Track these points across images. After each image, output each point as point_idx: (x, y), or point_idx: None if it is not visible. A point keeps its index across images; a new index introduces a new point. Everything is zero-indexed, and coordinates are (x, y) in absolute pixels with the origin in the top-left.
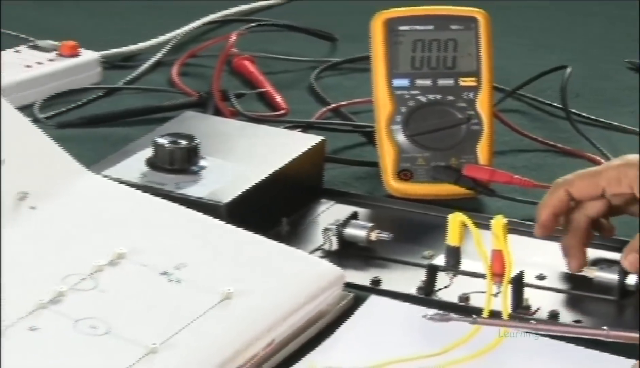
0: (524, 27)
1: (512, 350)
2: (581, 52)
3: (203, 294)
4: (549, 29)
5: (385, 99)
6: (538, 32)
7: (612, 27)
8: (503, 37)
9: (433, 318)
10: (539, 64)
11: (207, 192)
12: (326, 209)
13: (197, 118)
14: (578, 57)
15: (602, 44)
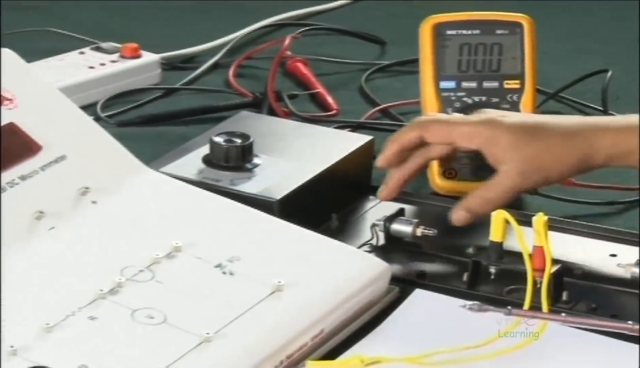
0: (567, 31)
1: (553, 342)
2: (622, 56)
3: (255, 286)
4: (591, 33)
5: (432, 100)
6: (581, 36)
7: None
8: (546, 41)
9: (471, 308)
10: (580, 67)
11: (260, 188)
12: (374, 206)
13: (251, 118)
14: (619, 61)
15: None
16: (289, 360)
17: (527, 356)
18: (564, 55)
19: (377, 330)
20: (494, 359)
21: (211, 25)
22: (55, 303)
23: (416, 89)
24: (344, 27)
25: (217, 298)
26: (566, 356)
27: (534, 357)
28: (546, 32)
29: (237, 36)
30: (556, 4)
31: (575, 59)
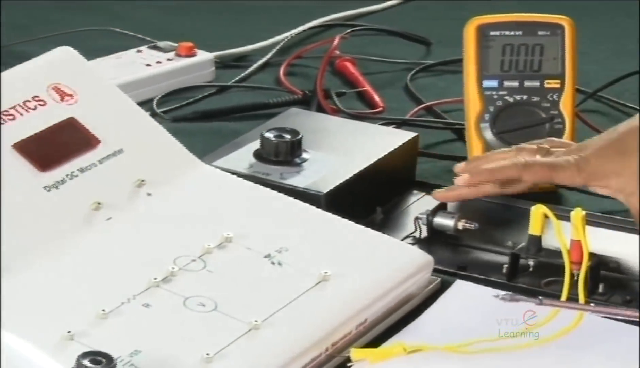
0: (607, 32)
1: (589, 331)
2: None
3: (302, 276)
4: (631, 34)
5: (475, 98)
6: (620, 37)
7: None
8: (587, 42)
9: (504, 298)
10: (619, 68)
11: (308, 182)
12: (417, 200)
13: (301, 114)
14: None
15: None
16: (334, 347)
17: (564, 345)
18: (603, 56)
19: (419, 320)
20: (531, 348)
21: (263, 25)
22: (111, 291)
23: (459, 88)
24: (391, 27)
25: (265, 287)
26: (602, 346)
27: (570, 346)
28: (587, 33)
29: (287, 36)
30: (597, 5)
31: (615, 60)
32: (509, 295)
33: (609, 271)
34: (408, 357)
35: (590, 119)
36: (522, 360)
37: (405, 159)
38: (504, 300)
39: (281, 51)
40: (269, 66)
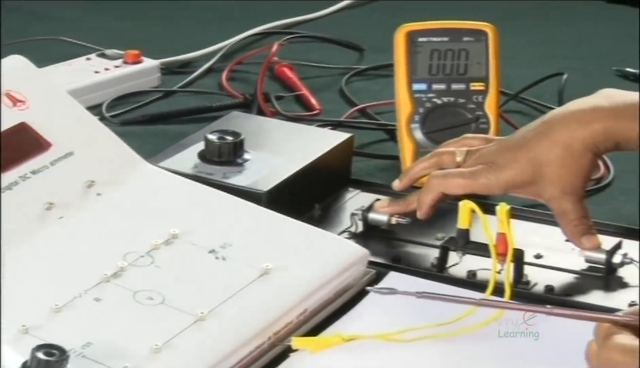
0: (530, 37)
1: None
2: (577, 61)
3: (245, 270)
4: (551, 40)
5: (406, 101)
6: (542, 43)
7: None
8: (511, 46)
9: (380, 291)
10: (542, 71)
11: (250, 181)
12: (353, 197)
13: (242, 117)
14: (574, 65)
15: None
16: (276, 336)
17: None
18: (527, 60)
19: (356, 309)
20: (464, 335)
21: (206, 33)
22: (64, 286)
23: (390, 91)
24: (326, 35)
25: (210, 280)
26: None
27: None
28: (512, 38)
29: (229, 43)
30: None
31: (537, 64)
32: (386, 289)
33: (533, 262)
34: (345, 345)
35: (513, 119)
36: (454, 347)
37: (341, 158)
38: (381, 293)
39: (223, 58)
40: (212, 71)
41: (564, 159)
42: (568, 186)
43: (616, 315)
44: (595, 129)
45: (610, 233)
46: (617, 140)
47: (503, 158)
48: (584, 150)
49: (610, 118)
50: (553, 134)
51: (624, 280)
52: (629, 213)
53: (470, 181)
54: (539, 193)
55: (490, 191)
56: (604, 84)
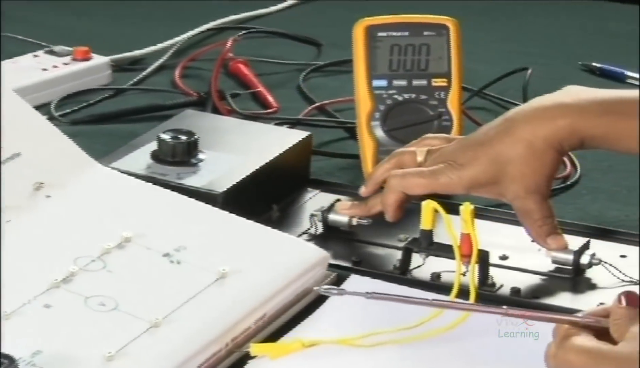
0: (493, 32)
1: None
2: (541, 56)
3: (201, 273)
4: (515, 35)
5: (366, 98)
6: (506, 38)
7: (570, 32)
8: (474, 42)
9: (328, 292)
10: (504, 66)
11: (205, 182)
12: (312, 197)
13: (196, 116)
14: (539, 60)
15: (560, 48)
16: (233, 342)
17: (458, 337)
18: (490, 55)
19: (316, 314)
20: (425, 340)
21: (158, 29)
22: (12, 292)
23: (350, 88)
24: (283, 30)
25: (165, 285)
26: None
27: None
28: (475, 33)
29: (182, 39)
30: (486, 6)
31: (501, 59)
32: (335, 289)
33: (498, 263)
34: (306, 350)
35: (476, 116)
36: (417, 352)
37: (299, 157)
38: (329, 294)
39: (176, 54)
40: (164, 68)
41: (527, 157)
42: (531, 184)
43: (575, 316)
44: (558, 126)
45: (578, 232)
46: (582, 138)
47: (464, 156)
48: (547, 148)
49: (575, 115)
50: (515, 131)
51: (592, 281)
52: (597, 212)
53: (430, 180)
54: (502, 193)
55: (452, 190)
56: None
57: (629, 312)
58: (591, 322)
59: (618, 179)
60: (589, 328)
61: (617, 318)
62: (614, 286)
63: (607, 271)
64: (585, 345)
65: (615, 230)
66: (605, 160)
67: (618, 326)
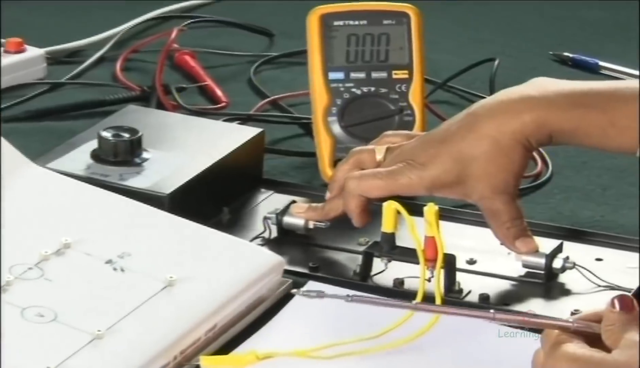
0: (456, 20)
1: (445, 331)
2: (509, 46)
3: (146, 281)
4: (479, 23)
5: (322, 91)
6: (469, 26)
7: (540, 20)
8: (434, 30)
9: (307, 295)
10: (470, 56)
11: (149, 183)
12: (266, 199)
13: (140, 112)
14: (506, 50)
15: (530, 37)
16: (182, 355)
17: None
18: (454, 44)
19: (271, 324)
20: (386, 351)
21: (97, 18)
22: None
23: (305, 81)
24: (232, 19)
25: (108, 294)
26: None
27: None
28: (437, 21)
29: (123, 29)
30: None
31: (466, 49)
32: (314, 292)
33: (465, 268)
34: (260, 363)
35: (440, 110)
36: (376, 363)
37: (251, 156)
38: (309, 297)
39: (117, 45)
40: (104, 61)
41: (492, 154)
42: (498, 184)
43: (567, 321)
44: (525, 120)
45: (550, 235)
46: (551, 132)
47: (425, 155)
48: (514, 144)
49: (542, 108)
50: (479, 127)
51: (566, 286)
52: (570, 212)
53: (388, 181)
54: (467, 193)
55: (413, 191)
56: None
57: (622, 317)
58: (583, 327)
59: (592, 177)
60: (579, 334)
61: (610, 323)
62: (589, 291)
63: (581, 275)
64: (578, 353)
65: (589, 232)
66: (579, 157)
67: (611, 332)
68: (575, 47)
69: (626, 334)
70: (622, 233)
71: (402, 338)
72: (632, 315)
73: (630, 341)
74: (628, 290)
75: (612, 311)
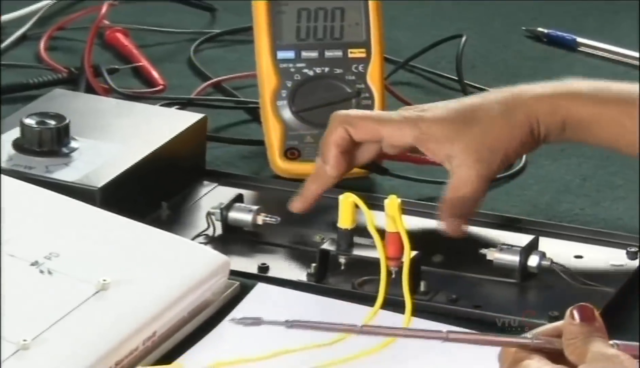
0: None
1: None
2: (478, 21)
3: (77, 285)
4: None
5: (270, 73)
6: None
7: None
8: (394, 5)
9: (243, 322)
10: (433, 33)
11: (79, 176)
12: (209, 192)
13: (67, 96)
14: (474, 26)
15: (500, 12)
16: (118, 366)
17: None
18: (416, 20)
19: (216, 331)
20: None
21: None
22: None
23: (251, 61)
24: None
25: (34, 300)
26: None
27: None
28: None
29: (47, 4)
30: None
31: (430, 25)
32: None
33: (432, 266)
34: None
35: (402, 93)
36: None
37: (192, 144)
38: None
39: (40, 22)
40: (26, 39)
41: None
42: (486, 157)
43: (524, 337)
44: (540, 96)
45: (524, 229)
46: (565, 119)
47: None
48: (523, 119)
49: (560, 95)
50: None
51: (542, 286)
52: (546, 205)
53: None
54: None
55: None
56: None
57: (584, 329)
58: (543, 343)
59: (571, 167)
60: (540, 350)
61: (572, 337)
62: (568, 292)
63: (559, 274)
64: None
65: (568, 226)
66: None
67: (574, 347)
68: (550, 23)
69: (591, 347)
70: (604, 227)
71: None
72: (593, 326)
73: (598, 354)
74: (611, 290)
75: (573, 324)
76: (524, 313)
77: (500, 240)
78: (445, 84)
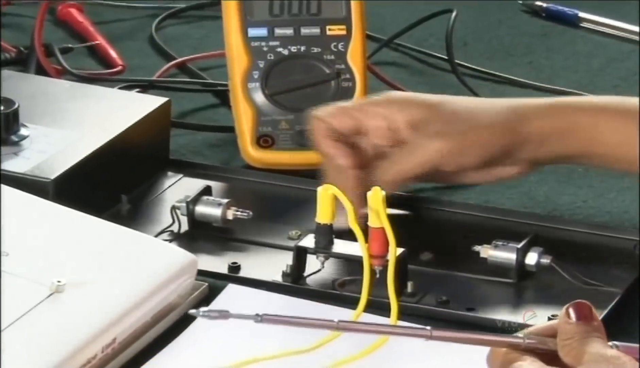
0: None
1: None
2: None
3: (29, 287)
4: None
5: (240, 52)
6: None
7: None
8: None
9: (208, 316)
10: (420, 8)
11: (29, 166)
12: (174, 184)
13: (15, 78)
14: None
15: None
16: None
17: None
18: None
19: (182, 337)
20: None
21: None
22: None
23: (220, 39)
24: None
25: None
26: None
27: None
28: None
29: None
30: None
31: None
32: (217, 312)
33: (420, 265)
34: None
35: (386, 73)
36: None
37: (155, 131)
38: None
39: None
40: None
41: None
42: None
43: (515, 337)
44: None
45: (522, 224)
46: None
47: None
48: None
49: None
50: None
51: (542, 286)
52: (544, 198)
53: None
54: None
55: None
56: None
57: (581, 329)
58: (535, 343)
59: None
60: (532, 351)
61: (568, 337)
62: (569, 293)
63: (560, 274)
64: None
65: (569, 220)
66: None
67: (570, 348)
68: None
69: (589, 347)
70: (609, 221)
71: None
72: (591, 325)
73: (597, 355)
74: (617, 290)
75: (568, 323)
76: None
77: (495, 236)
78: (433, 63)
